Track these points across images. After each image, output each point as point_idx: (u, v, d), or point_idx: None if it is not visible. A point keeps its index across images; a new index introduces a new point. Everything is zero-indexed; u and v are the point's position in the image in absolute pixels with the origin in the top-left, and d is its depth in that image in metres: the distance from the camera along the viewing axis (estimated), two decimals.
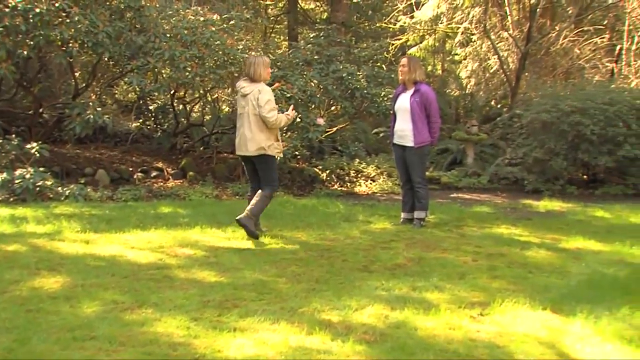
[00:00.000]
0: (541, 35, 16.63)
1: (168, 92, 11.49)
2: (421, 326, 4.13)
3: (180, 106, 12.97)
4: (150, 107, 13.34)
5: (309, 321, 4.15)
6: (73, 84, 11.00)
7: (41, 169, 9.00)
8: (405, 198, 8.06)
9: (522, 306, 4.55)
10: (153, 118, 13.44)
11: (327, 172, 11.79)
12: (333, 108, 11.87)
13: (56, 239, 6.42)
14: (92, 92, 10.81)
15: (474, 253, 6.35)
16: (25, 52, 9.01)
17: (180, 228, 7.19)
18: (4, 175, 8.63)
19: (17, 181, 8.58)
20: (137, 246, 6.28)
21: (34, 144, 9.20)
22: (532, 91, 15.69)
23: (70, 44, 9.09)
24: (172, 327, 4.01)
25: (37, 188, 8.69)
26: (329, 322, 4.16)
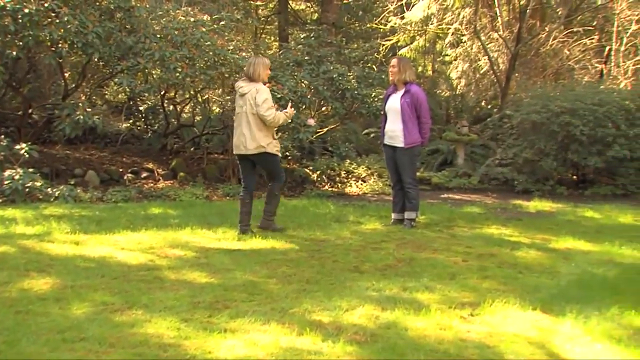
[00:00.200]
0: (531, 36, 16.68)
1: (158, 93, 11.46)
2: (412, 326, 4.13)
3: (170, 107, 12.96)
4: (140, 108, 13.33)
5: (300, 322, 4.14)
6: (63, 85, 10.96)
7: (30, 170, 8.96)
8: (395, 199, 8.07)
9: (512, 306, 4.56)
10: (143, 119, 13.43)
11: (318, 173, 11.80)
12: (324, 109, 11.87)
13: (46, 240, 6.40)
14: (82, 93, 10.77)
15: (465, 253, 6.36)
16: (14, 53, 8.99)
17: (170, 229, 7.18)
18: None
19: (6, 182, 8.56)
20: (127, 247, 6.26)
21: (23, 145, 9.15)
22: (522, 92, 15.71)
23: (59, 45, 9.06)
24: (163, 328, 4.00)
25: (27, 189, 8.67)
26: (320, 323, 4.15)
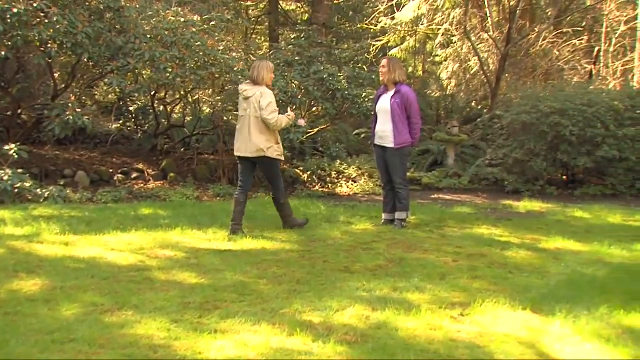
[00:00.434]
0: (521, 36, 16.73)
1: (148, 93, 11.42)
2: (402, 327, 4.14)
3: (161, 107, 12.92)
4: (130, 108, 13.28)
5: (290, 322, 4.14)
6: (52, 85, 10.90)
7: (20, 171, 8.91)
8: (386, 199, 8.08)
9: (503, 306, 4.57)
10: (133, 119, 13.38)
11: (309, 174, 11.80)
12: (314, 109, 11.86)
13: (35, 241, 6.37)
14: (72, 93, 10.70)
15: (455, 254, 6.38)
16: (3, 53, 8.94)
17: (160, 229, 7.16)
18: None
19: None
20: (118, 248, 6.24)
21: (13, 146, 9.10)
22: (512, 92, 15.78)
23: (49, 45, 9.01)
24: (153, 329, 3.99)
25: (16, 190, 8.61)
26: (310, 323, 4.15)
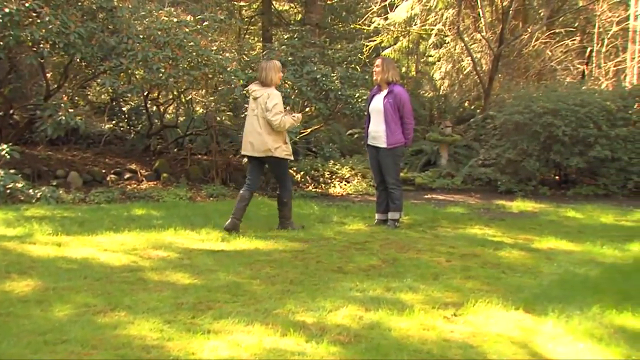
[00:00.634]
0: (514, 37, 16.79)
1: (141, 94, 11.40)
2: (395, 327, 4.14)
3: (153, 107, 12.89)
4: (123, 109, 13.25)
5: (284, 323, 4.14)
6: (44, 85, 10.86)
7: (12, 171, 8.88)
8: (379, 199, 8.08)
9: (495, 306, 4.58)
10: (126, 119, 13.35)
11: (302, 174, 11.80)
12: (307, 109, 11.86)
13: (27, 242, 6.34)
14: (64, 94, 10.65)
15: (448, 254, 6.38)
16: None
17: (153, 230, 7.14)
18: None
19: None
20: (110, 248, 6.22)
21: (5, 146, 9.05)
22: (505, 92, 15.83)
23: (41, 45, 8.97)
24: (146, 330, 3.98)
25: (8, 190, 8.58)
26: (304, 324, 4.15)
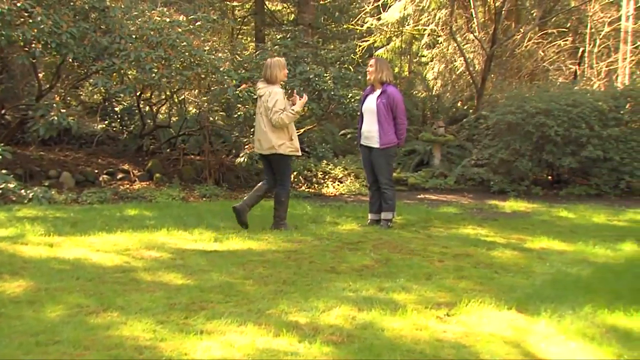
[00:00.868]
0: (506, 37, 16.82)
1: (134, 94, 11.38)
2: (388, 327, 4.14)
3: (146, 108, 12.87)
4: (116, 109, 13.23)
5: (276, 323, 4.13)
6: (36, 85, 10.83)
7: (4, 172, 8.86)
8: (372, 199, 8.09)
9: (488, 306, 4.58)
10: (119, 120, 13.32)
11: (295, 174, 11.78)
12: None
13: (19, 243, 6.31)
14: (56, 94, 10.63)
15: (441, 254, 6.39)
16: None
17: (146, 230, 7.13)
18: None
19: None
20: (103, 249, 6.20)
21: None
22: (498, 93, 15.88)
23: (33, 45, 8.94)
24: (138, 331, 3.97)
25: (0, 191, 8.55)
26: (296, 324, 4.15)
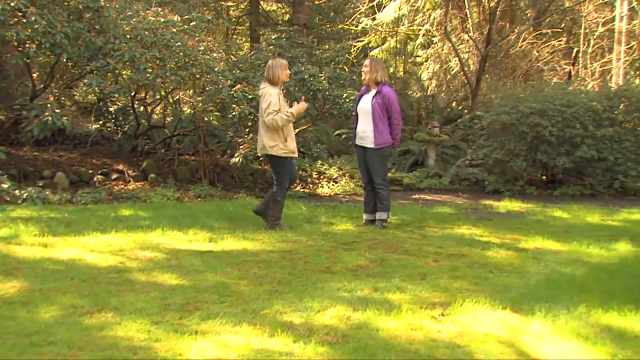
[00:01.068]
0: (501, 37, 16.85)
1: (128, 94, 11.35)
2: (383, 327, 4.15)
3: (141, 108, 12.83)
4: (110, 109, 13.19)
5: (271, 323, 4.13)
6: (30, 85, 10.81)
7: None
8: (367, 199, 8.09)
9: (483, 306, 4.59)
10: (113, 120, 13.29)
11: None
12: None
13: (13, 243, 6.30)
14: (51, 94, 10.59)
15: (436, 254, 6.40)
16: None
17: (141, 231, 7.12)
18: None
19: None
20: (97, 249, 6.19)
21: None
22: (492, 93, 15.91)
23: (27, 45, 8.91)
24: (133, 331, 3.97)
25: None
26: (291, 324, 4.15)
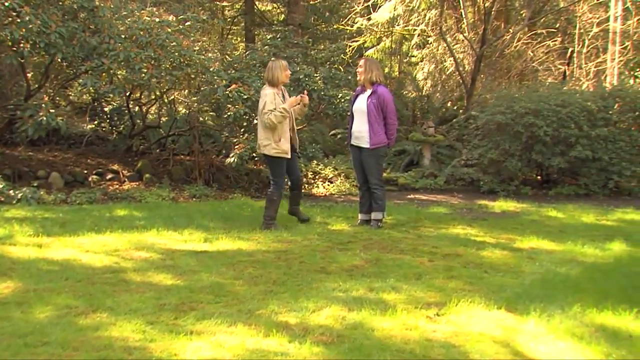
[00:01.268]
0: (496, 37, 16.87)
1: (123, 94, 11.34)
2: (378, 327, 4.15)
3: (136, 108, 12.82)
4: (105, 109, 13.17)
5: (266, 323, 4.13)
6: (25, 85, 10.78)
7: None
8: (362, 199, 8.09)
9: (478, 306, 4.60)
10: (108, 120, 13.27)
11: None
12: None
13: (7, 243, 6.29)
14: (45, 94, 10.55)
15: (431, 253, 6.40)
16: None
17: (136, 231, 7.11)
18: None
19: None
20: (92, 249, 6.18)
21: None
22: (487, 93, 15.91)
23: (21, 45, 8.89)
24: (128, 331, 3.96)
25: None
26: (286, 324, 4.15)
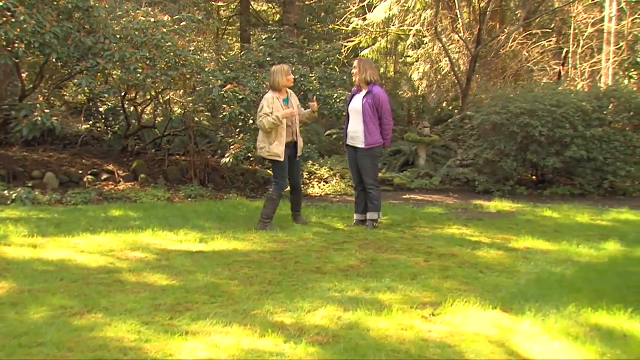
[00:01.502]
0: (491, 37, 16.90)
1: (118, 94, 11.32)
2: (373, 327, 4.15)
3: (131, 108, 12.81)
4: (100, 109, 13.16)
5: (262, 323, 4.13)
6: (19, 85, 10.76)
7: None
8: (358, 199, 8.09)
9: (473, 305, 4.60)
10: (103, 120, 13.26)
11: None
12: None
13: (2, 244, 6.27)
14: (40, 94, 10.57)
15: (426, 253, 6.40)
16: None
17: (131, 231, 7.10)
18: None
19: None
20: (87, 250, 6.17)
21: None
22: (483, 93, 15.93)
23: (15, 44, 8.87)
24: (123, 332, 3.95)
25: None
26: (282, 324, 4.14)
